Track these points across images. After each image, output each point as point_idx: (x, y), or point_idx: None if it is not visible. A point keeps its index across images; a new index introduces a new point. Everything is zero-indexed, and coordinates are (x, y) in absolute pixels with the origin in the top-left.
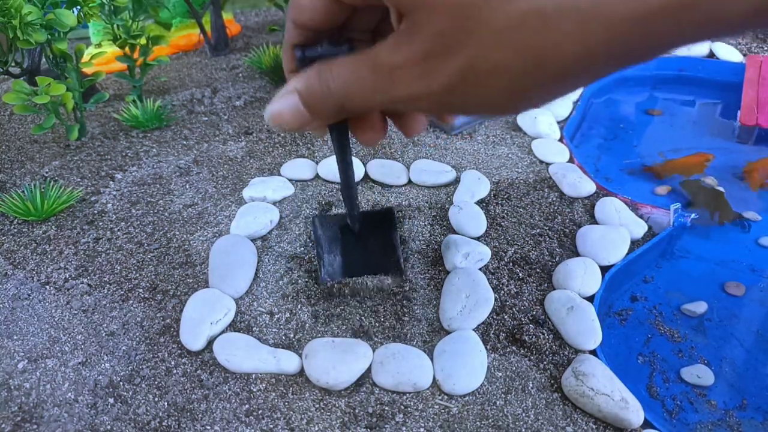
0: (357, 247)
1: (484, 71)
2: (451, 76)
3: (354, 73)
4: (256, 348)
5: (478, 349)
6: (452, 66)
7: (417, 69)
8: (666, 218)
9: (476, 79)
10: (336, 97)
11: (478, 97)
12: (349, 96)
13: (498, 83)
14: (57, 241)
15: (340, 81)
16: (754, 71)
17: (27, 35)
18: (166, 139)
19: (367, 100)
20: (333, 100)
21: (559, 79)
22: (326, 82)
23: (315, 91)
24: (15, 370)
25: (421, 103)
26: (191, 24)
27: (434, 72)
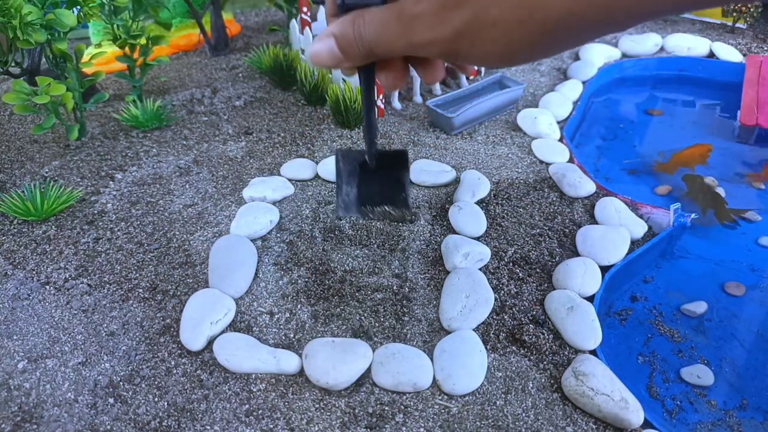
0: (372, 181)
1: (485, 23)
2: (459, 26)
3: (382, 21)
4: (256, 348)
5: (478, 349)
6: (460, 17)
7: (432, 18)
8: (666, 218)
9: (479, 30)
10: (366, 42)
11: (481, 46)
12: (377, 41)
13: (496, 34)
14: (57, 241)
15: (370, 27)
16: (754, 71)
17: (27, 35)
18: (166, 139)
19: (391, 45)
20: (363, 45)
21: (547, 35)
22: (359, 29)
23: (349, 36)
24: (15, 370)
25: (434, 48)
26: (191, 24)
27: (445, 21)
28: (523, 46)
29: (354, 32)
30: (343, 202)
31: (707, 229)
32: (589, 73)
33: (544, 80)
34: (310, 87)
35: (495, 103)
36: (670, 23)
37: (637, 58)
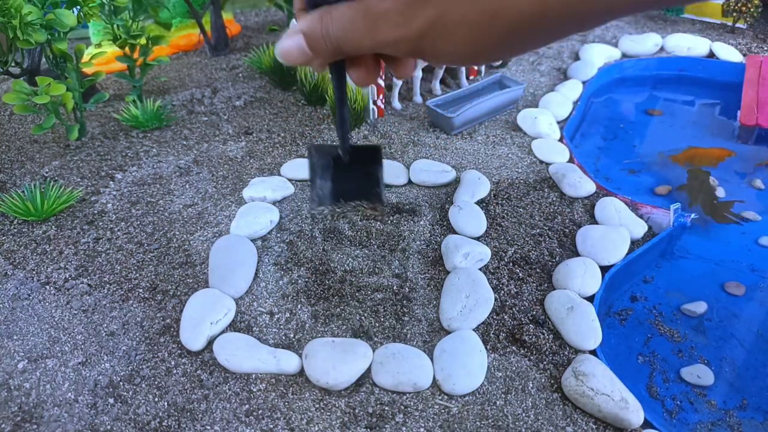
0: (346, 176)
1: (450, 22)
2: (423, 25)
3: (349, 19)
4: (256, 348)
5: (478, 349)
6: (424, 15)
7: (397, 17)
8: (666, 218)
9: (444, 29)
10: (333, 39)
11: (446, 45)
12: (344, 39)
13: (461, 33)
14: (57, 241)
15: (338, 24)
16: (754, 71)
17: (27, 35)
18: (166, 139)
19: (358, 43)
20: (331, 42)
21: (513, 34)
22: (326, 26)
23: (316, 33)
24: (15, 370)
25: (399, 47)
26: (191, 24)
27: (410, 20)
28: (488, 45)
29: (321, 29)
30: (317, 196)
31: (707, 229)
32: (589, 73)
33: (544, 80)
34: (310, 87)
35: (495, 103)
36: (670, 23)
37: (637, 58)
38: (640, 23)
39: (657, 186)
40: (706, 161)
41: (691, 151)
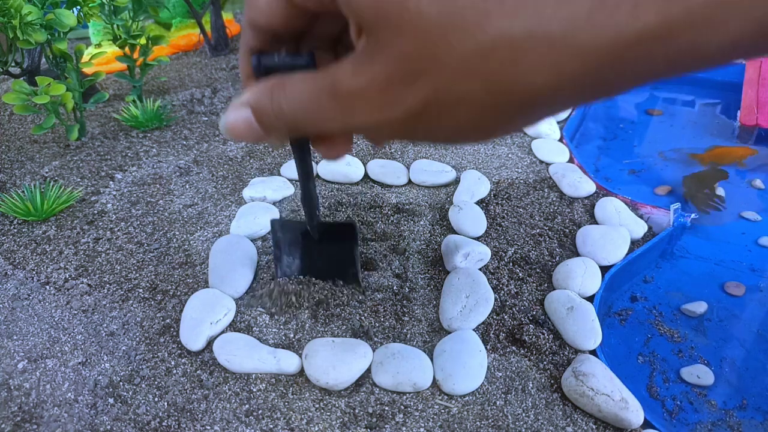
0: (317, 253)
1: (449, 101)
2: (413, 105)
3: (310, 96)
4: (256, 348)
5: (477, 349)
6: (415, 95)
7: (378, 96)
8: (666, 218)
9: (440, 110)
10: (288, 118)
11: (443, 127)
12: (303, 119)
13: (463, 114)
14: (57, 241)
15: (294, 103)
16: (754, 71)
17: (27, 35)
18: (166, 139)
19: (323, 124)
20: (285, 120)
21: (527, 110)
22: (278, 102)
23: (266, 110)
24: (15, 370)
25: (381, 131)
26: (191, 24)
27: (396, 101)
28: (496, 124)
29: (272, 105)
30: (284, 275)
31: (707, 229)
32: None
33: None
34: None
35: None
36: None
37: None
38: None
39: (657, 186)
40: (729, 160)
41: (715, 150)
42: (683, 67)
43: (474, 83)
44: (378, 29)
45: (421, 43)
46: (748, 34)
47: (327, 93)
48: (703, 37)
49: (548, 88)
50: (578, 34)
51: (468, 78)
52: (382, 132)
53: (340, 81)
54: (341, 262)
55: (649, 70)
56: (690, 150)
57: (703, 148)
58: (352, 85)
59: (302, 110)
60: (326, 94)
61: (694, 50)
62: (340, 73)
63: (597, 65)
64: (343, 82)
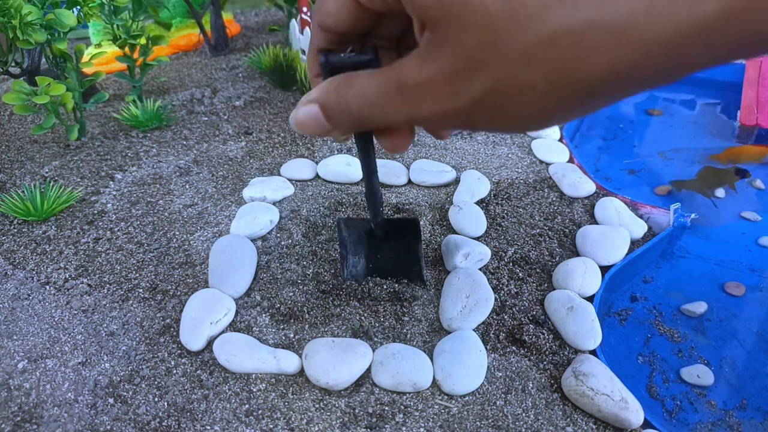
0: (381, 251)
1: (511, 90)
2: (478, 96)
3: (377, 90)
4: (256, 348)
5: (477, 349)
6: (479, 85)
7: (444, 87)
8: (666, 218)
9: (503, 98)
10: (355, 113)
11: (505, 115)
12: (369, 113)
13: (525, 102)
14: (57, 241)
15: (361, 98)
16: (754, 71)
17: (27, 35)
18: (166, 139)
19: (389, 118)
20: (351, 115)
21: (586, 99)
22: (345, 98)
23: (333, 105)
24: (15, 370)
25: (446, 120)
26: (191, 24)
27: (460, 91)
28: (555, 112)
29: (339, 101)
30: (350, 275)
31: (707, 229)
32: None
33: None
34: (310, 87)
35: None
36: None
37: None
38: None
39: (657, 186)
40: (746, 159)
41: (733, 150)
42: (744, 52)
43: (535, 73)
44: (442, 25)
45: (485, 35)
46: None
47: (393, 86)
48: (761, 24)
49: (607, 77)
50: (639, 25)
51: (529, 68)
52: (446, 121)
53: (406, 75)
54: (405, 260)
55: (710, 57)
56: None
57: (703, 148)
58: (418, 77)
59: (368, 104)
60: (393, 87)
61: (756, 34)
62: (406, 68)
63: (657, 55)
64: (409, 76)
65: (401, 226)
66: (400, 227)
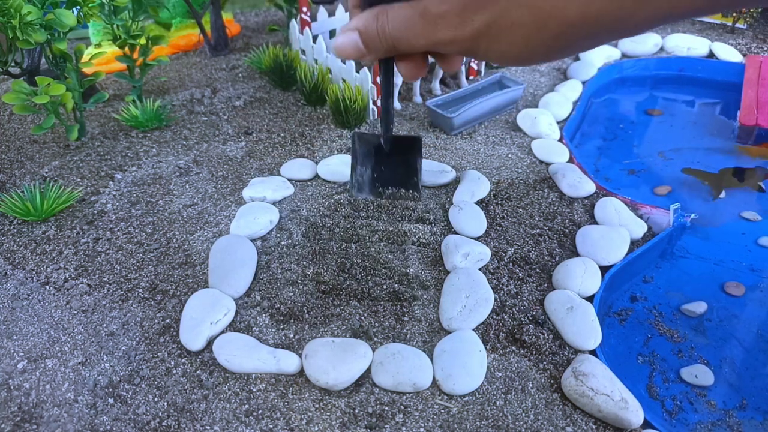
0: (386, 164)
1: (504, 25)
2: (479, 27)
3: (406, 18)
4: (256, 348)
5: (477, 349)
6: (481, 18)
7: (455, 18)
8: (666, 218)
9: (498, 31)
10: (389, 38)
11: (499, 46)
12: (400, 38)
13: (514, 36)
14: (57, 241)
15: (394, 25)
16: (754, 71)
17: (27, 35)
18: (166, 139)
19: (413, 42)
20: (386, 40)
21: (562, 38)
22: (383, 25)
23: (372, 32)
24: (15, 370)
25: (454, 47)
26: (191, 24)
27: (466, 22)
28: (539, 48)
29: (378, 28)
30: (357, 183)
31: (707, 229)
32: (589, 74)
33: (544, 80)
34: (309, 87)
35: (495, 103)
36: (670, 23)
37: (637, 59)
38: None
39: (657, 186)
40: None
41: (764, 145)
42: (706, 7)
43: (522, 12)
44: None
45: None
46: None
47: (419, 15)
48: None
49: (577, 20)
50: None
51: (519, 8)
52: (455, 47)
53: (429, 7)
54: (405, 173)
55: (669, 9)
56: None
57: (704, 148)
58: (438, 9)
59: (400, 29)
60: (418, 16)
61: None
62: (429, 2)
63: (621, 2)
64: (431, 8)
65: (405, 143)
66: (404, 143)
